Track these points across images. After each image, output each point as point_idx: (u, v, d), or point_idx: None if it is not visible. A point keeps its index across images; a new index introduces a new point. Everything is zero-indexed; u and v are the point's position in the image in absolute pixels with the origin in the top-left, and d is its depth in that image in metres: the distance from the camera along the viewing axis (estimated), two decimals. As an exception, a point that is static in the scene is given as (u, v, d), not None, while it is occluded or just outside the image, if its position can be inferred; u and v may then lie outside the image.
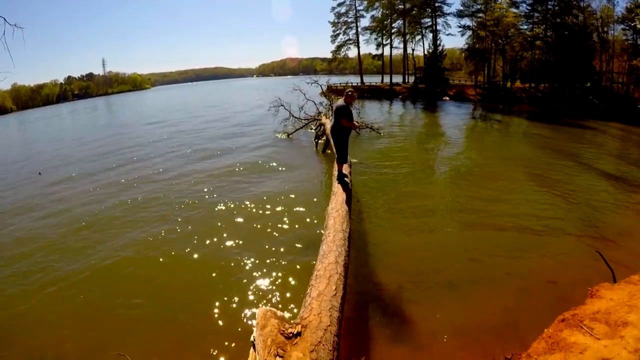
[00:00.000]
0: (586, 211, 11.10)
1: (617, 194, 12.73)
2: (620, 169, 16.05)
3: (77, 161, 20.52)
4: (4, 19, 6.54)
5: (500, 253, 8.62)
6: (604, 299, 6.10)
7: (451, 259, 8.40)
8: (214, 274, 7.92)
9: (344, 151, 9.08)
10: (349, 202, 7.98)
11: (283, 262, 8.21)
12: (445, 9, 62.02)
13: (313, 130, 21.61)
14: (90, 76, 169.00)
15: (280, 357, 3.54)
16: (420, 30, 64.64)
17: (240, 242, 9.29)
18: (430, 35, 62.60)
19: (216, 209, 11.65)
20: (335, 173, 9.22)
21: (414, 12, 63.00)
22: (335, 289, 4.79)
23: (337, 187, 8.52)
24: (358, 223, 9.93)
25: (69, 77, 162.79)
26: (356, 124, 9.39)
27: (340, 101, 8.77)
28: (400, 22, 65.59)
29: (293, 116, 23.26)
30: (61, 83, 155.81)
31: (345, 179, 8.89)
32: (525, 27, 56.50)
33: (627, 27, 49.65)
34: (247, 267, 8.08)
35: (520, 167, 15.99)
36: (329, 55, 75.74)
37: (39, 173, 18.82)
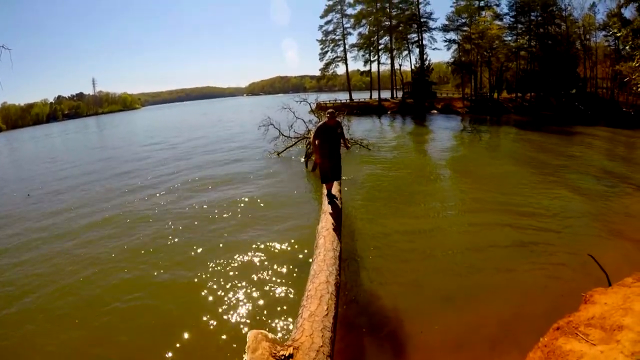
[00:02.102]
0: (577, 217, 11.21)
1: (606, 198, 12.87)
2: (607, 173, 16.25)
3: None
4: None
5: (493, 264, 8.63)
6: (598, 303, 6.08)
7: (445, 271, 8.38)
8: (202, 296, 7.80)
9: (327, 170, 8.93)
10: (339, 220, 7.96)
11: (273, 283, 8.10)
12: (431, 24, 63.15)
13: (304, 148, 21.68)
14: (80, 96, 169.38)
15: (271, 380, 3.50)
16: (406, 45, 65.61)
17: (229, 262, 9.17)
18: (417, 50, 63.73)
19: (205, 229, 11.54)
20: (325, 191, 9.21)
21: (400, 28, 63.96)
22: (327, 309, 4.75)
23: (327, 206, 8.51)
24: (349, 241, 9.89)
25: (59, 96, 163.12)
26: (348, 143, 9.40)
27: (321, 122, 8.85)
28: (387, 38, 66.52)
29: (283, 135, 23.26)
30: (51, 102, 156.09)
31: (335, 197, 8.88)
32: (510, 38, 57.93)
33: (608, 34, 50.81)
34: (237, 289, 7.95)
35: (509, 177, 16.14)
36: (318, 73, 76.38)
37: (28, 195, 18.83)
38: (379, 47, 67.35)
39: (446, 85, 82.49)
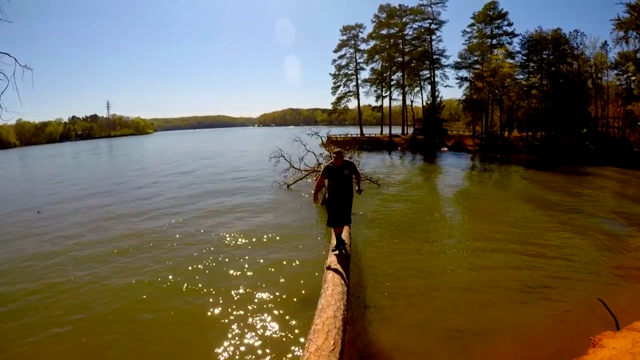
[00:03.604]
0: (587, 259, 11.10)
1: (617, 240, 12.77)
2: (617, 215, 16.18)
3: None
4: (15, 60, 6.81)
5: (499, 304, 8.54)
6: (606, 348, 6.05)
7: (451, 310, 8.31)
8: (206, 324, 7.82)
9: (333, 212, 8.48)
10: (348, 255, 8.00)
11: (280, 316, 8.07)
12: (443, 61, 64.35)
13: (314, 181, 21.81)
14: (94, 118, 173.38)
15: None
16: (418, 82, 66.65)
17: (235, 294, 9.18)
18: (429, 87, 64.67)
19: (212, 258, 11.55)
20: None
21: (412, 64, 65.15)
22: (334, 344, 4.78)
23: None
24: (357, 275, 9.90)
25: (74, 117, 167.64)
26: (360, 188, 9.09)
27: (329, 163, 8.68)
28: (399, 74, 67.68)
29: (293, 167, 23.56)
30: (65, 122, 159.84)
31: (344, 243, 8.78)
32: (521, 76, 58.37)
33: (620, 72, 51.01)
34: (243, 320, 7.94)
35: (518, 217, 16.08)
36: (330, 107, 77.33)
37: (38, 211, 19.15)
38: (391, 83, 68.39)
39: (457, 123, 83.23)
